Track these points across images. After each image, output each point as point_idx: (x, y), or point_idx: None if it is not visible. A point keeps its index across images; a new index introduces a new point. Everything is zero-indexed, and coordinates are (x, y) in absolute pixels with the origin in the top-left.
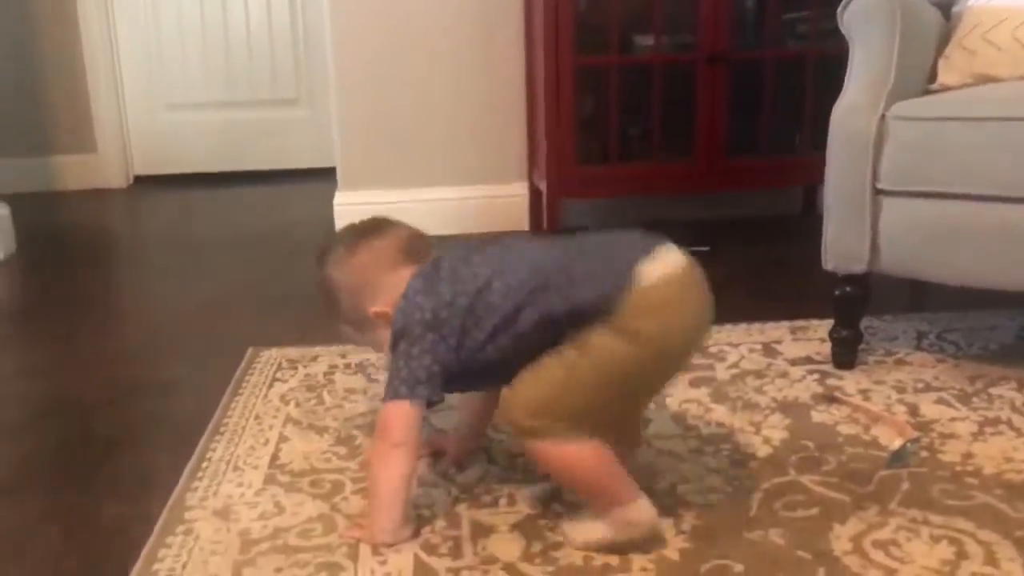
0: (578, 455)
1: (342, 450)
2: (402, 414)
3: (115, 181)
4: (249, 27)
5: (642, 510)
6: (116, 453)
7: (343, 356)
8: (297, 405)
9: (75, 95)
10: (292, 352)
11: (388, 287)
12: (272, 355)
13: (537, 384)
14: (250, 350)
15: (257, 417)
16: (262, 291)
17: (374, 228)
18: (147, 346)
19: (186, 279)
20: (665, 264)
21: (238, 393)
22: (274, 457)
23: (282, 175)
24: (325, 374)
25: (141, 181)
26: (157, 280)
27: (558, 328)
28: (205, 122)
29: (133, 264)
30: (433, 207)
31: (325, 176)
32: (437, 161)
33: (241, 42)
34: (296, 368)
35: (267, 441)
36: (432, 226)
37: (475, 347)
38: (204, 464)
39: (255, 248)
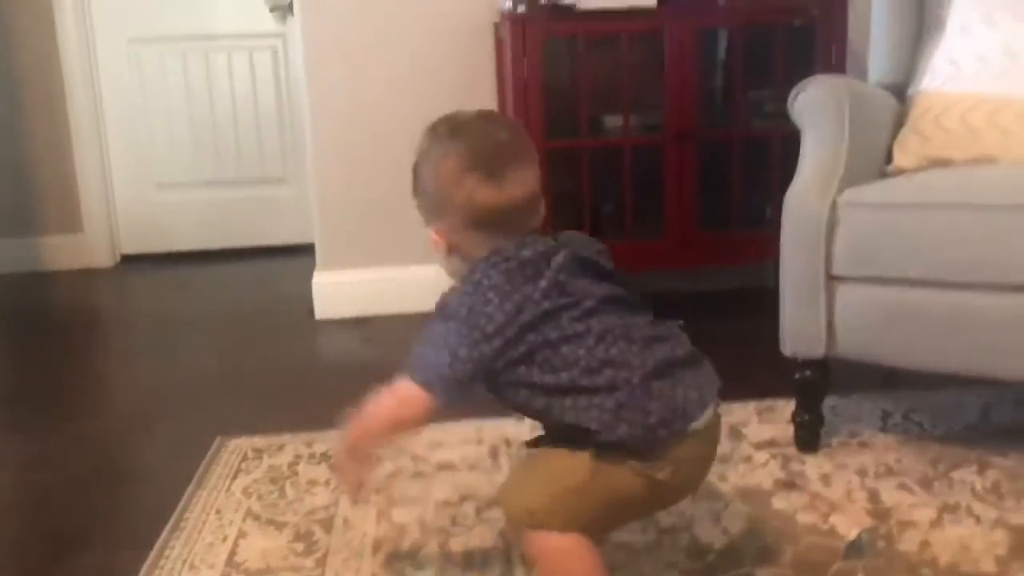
0: (570, 550)
1: (299, 546)
2: (414, 401)
3: (102, 261)
4: (236, 106)
5: None
6: (75, 551)
7: (309, 445)
8: (259, 498)
9: (62, 176)
10: (259, 441)
11: (460, 231)
12: (239, 444)
13: (544, 485)
14: (218, 439)
15: (218, 511)
16: (237, 374)
17: (498, 156)
18: (117, 433)
19: (164, 361)
20: (703, 420)
21: (202, 485)
22: (231, 554)
23: (270, 252)
24: (290, 465)
25: (128, 260)
26: (135, 362)
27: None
28: (193, 201)
29: (113, 346)
30: (411, 286)
31: (310, 252)
32: (415, 239)
33: (228, 121)
34: (261, 458)
35: (226, 537)
36: (411, 304)
37: (509, 379)
38: (162, 562)
39: (237, 328)
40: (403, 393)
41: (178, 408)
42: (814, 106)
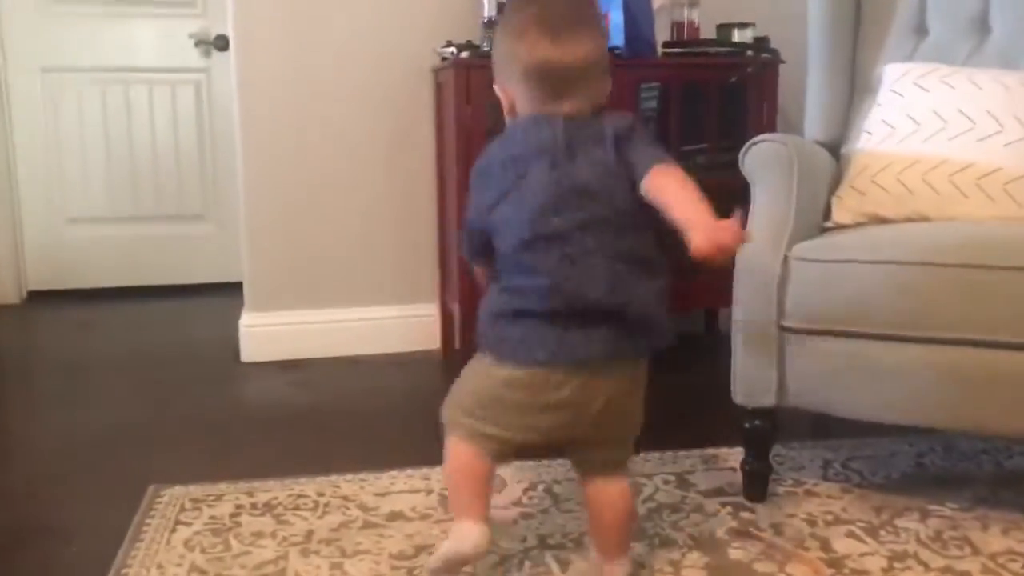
0: (450, 453)
1: None
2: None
3: (7, 297)
4: (155, 141)
5: (465, 532)
6: None
7: (250, 495)
8: (203, 551)
9: None
10: (195, 490)
11: (517, 86)
12: (175, 493)
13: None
14: (151, 488)
15: (160, 566)
16: (163, 420)
17: (562, 18)
18: (38, 485)
19: (81, 406)
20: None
21: (139, 538)
22: None
23: (185, 290)
24: (231, 515)
25: (35, 297)
26: (49, 408)
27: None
28: (107, 237)
29: (22, 389)
30: (343, 329)
31: (229, 292)
32: (347, 281)
33: (147, 156)
34: (200, 509)
35: None
36: (343, 346)
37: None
38: None
39: (156, 371)
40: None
41: (99, 457)
42: (764, 163)
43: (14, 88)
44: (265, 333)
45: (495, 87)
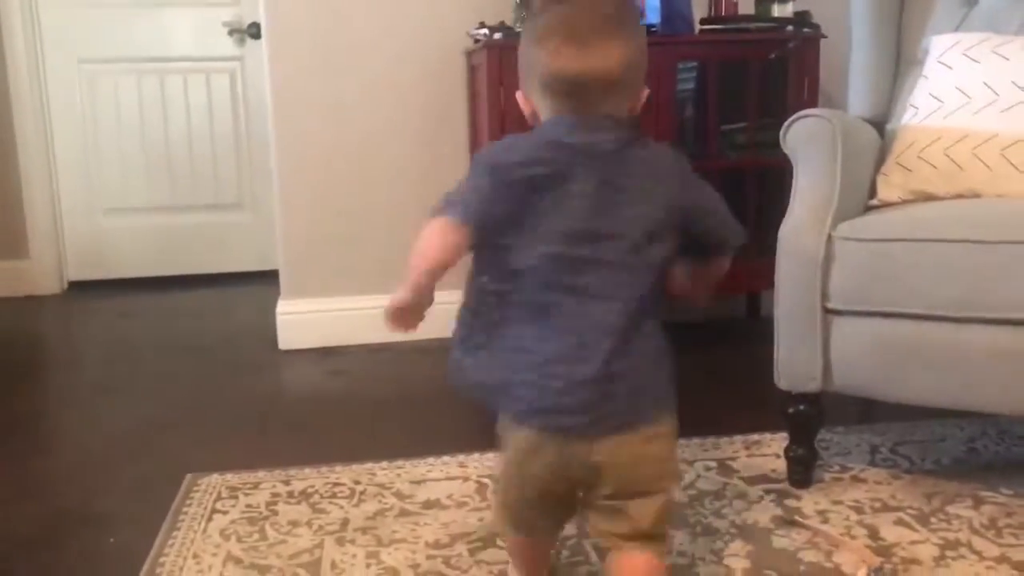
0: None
1: None
2: (437, 227)
3: (48, 287)
4: (191, 130)
5: None
6: None
7: (286, 483)
8: (238, 540)
9: (7, 199)
10: (232, 479)
11: (538, 95)
12: (212, 482)
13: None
14: (188, 477)
15: (196, 556)
16: (201, 408)
17: (589, 25)
18: (78, 473)
19: (120, 396)
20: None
21: (175, 527)
22: None
23: (223, 279)
24: (267, 504)
25: (76, 287)
26: (89, 397)
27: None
28: (145, 227)
29: (63, 379)
30: (379, 315)
31: (267, 280)
32: (383, 267)
33: (183, 145)
34: (237, 497)
35: None
36: (379, 335)
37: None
38: None
39: (194, 359)
40: (428, 228)
41: (138, 445)
42: (807, 139)
43: (52, 79)
44: (302, 321)
45: (517, 94)
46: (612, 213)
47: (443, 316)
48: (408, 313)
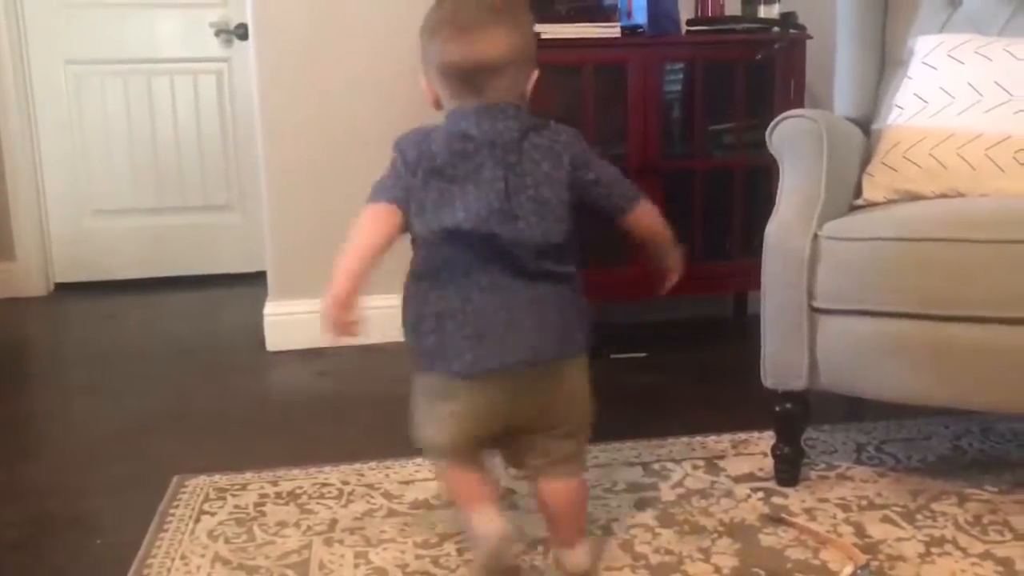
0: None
1: None
2: (366, 215)
3: (34, 289)
4: (178, 131)
5: (487, 520)
6: None
7: (274, 484)
8: (226, 541)
9: None
10: (220, 480)
11: (436, 83)
12: (199, 483)
13: None
14: (176, 478)
15: (183, 557)
16: (188, 410)
17: (477, 16)
18: (64, 475)
19: (107, 397)
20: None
21: (163, 529)
22: None
23: (210, 280)
24: (255, 505)
25: (62, 289)
26: (76, 398)
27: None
28: (132, 228)
29: (49, 381)
30: (367, 314)
31: (255, 281)
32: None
33: (170, 146)
34: (224, 498)
35: None
36: (367, 334)
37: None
38: None
39: (181, 361)
40: (359, 219)
41: (125, 447)
42: (793, 139)
43: (38, 81)
44: (289, 322)
45: (422, 83)
46: (518, 196)
47: None
48: (345, 306)
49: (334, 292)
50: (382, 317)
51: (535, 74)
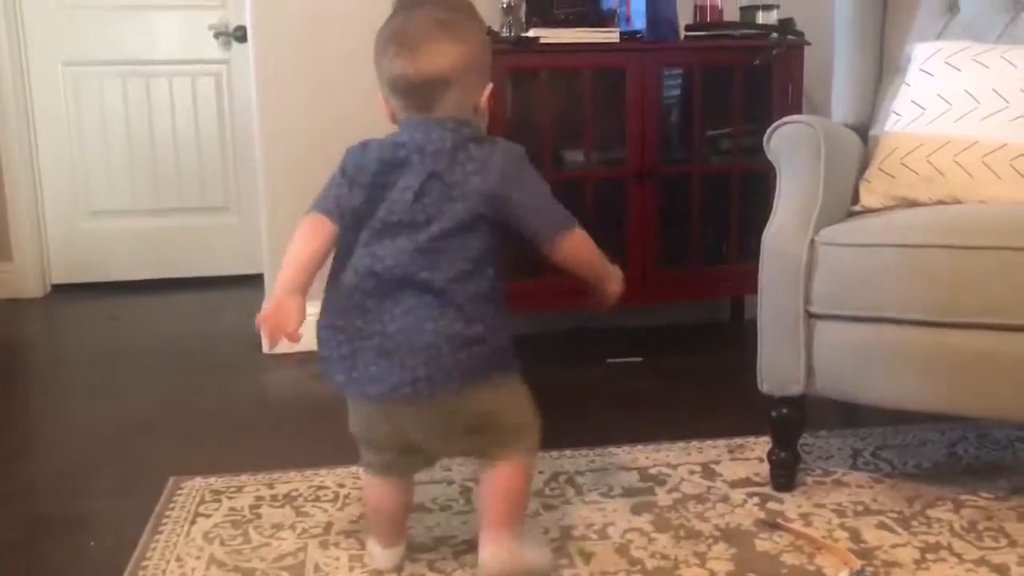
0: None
1: None
2: (303, 225)
3: (31, 290)
4: (176, 133)
5: (373, 556)
6: None
7: (270, 486)
8: (222, 543)
9: None
10: (216, 482)
11: (389, 98)
12: (195, 485)
13: None
14: (171, 480)
15: (179, 559)
16: (184, 412)
17: (422, 31)
18: (60, 477)
19: (103, 399)
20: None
21: (158, 530)
22: None
23: (208, 282)
24: (251, 507)
25: (59, 290)
26: (72, 399)
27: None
28: (129, 229)
29: (46, 382)
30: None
31: (252, 283)
32: None
33: (168, 148)
34: (220, 500)
35: None
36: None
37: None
38: None
39: (178, 362)
40: (297, 229)
41: (121, 448)
42: (791, 145)
43: (36, 82)
44: None
45: (377, 98)
46: (436, 204)
47: None
48: (279, 313)
49: (272, 301)
50: None
51: (488, 87)
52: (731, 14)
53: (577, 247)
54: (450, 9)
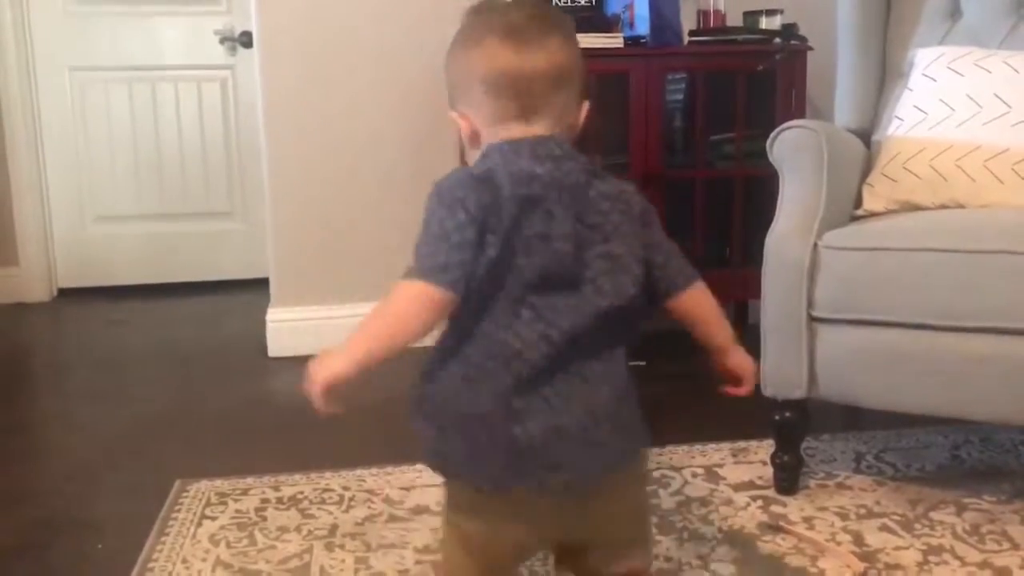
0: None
1: None
2: (409, 295)
3: (38, 295)
4: (182, 138)
5: None
6: None
7: (275, 489)
8: (228, 546)
9: None
10: (222, 484)
11: (477, 106)
12: (201, 488)
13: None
14: (177, 483)
15: (185, 561)
16: (190, 415)
17: (523, 23)
18: (66, 480)
19: (110, 402)
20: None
21: (164, 533)
22: None
23: (213, 286)
24: (257, 510)
25: (65, 294)
26: (78, 404)
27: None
28: (135, 234)
29: (52, 386)
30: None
31: (257, 287)
32: (373, 276)
33: (174, 153)
34: (226, 503)
35: None
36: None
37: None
38: None
39: (184, 366)
40: (396, 295)
41: (127, 451)
42: (794, 149)
43: (43, 87)
44: (292, 328)
45: (451, 114)
46: (588, 252)
47: None
48: (337, 391)
49: (335, 370)
50: None
51: (586, 107)
52: (734, 19)
53: (706, 298)
54: (544, 4)
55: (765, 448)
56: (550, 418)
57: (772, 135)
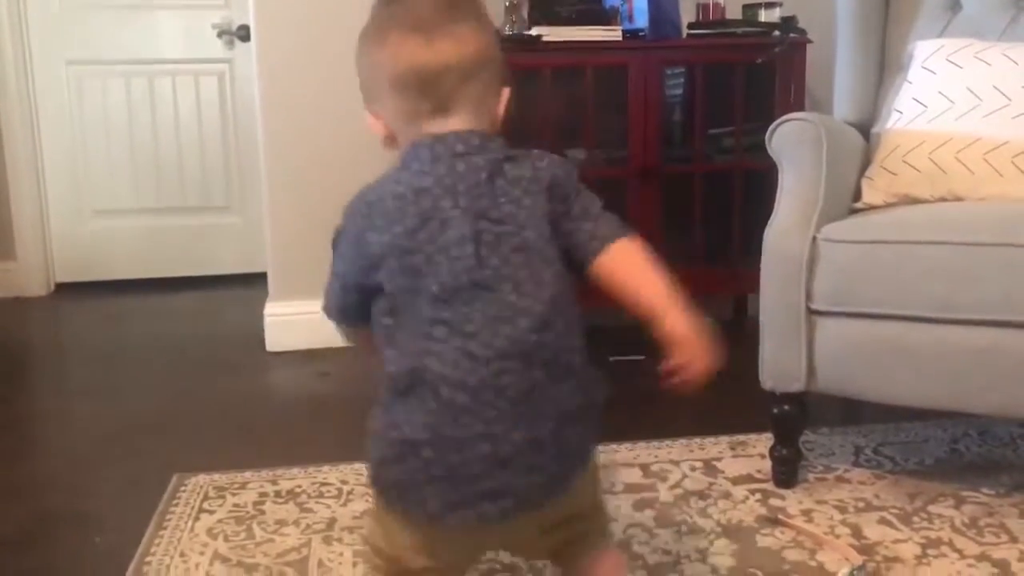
0: None
1: None
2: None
3: (35, 289)
4: (179, 132)
5: None
6: None
7: (273, 483)
8: (226, 539)
9: None
10: (219, 478)
11: (389, 105)
12: (199, 482)
13: None
14: (175, 477)
15: (183, 554)
16: (188, 409)
17: (431, 13)
18: (64, 474)
19: (107, 397)
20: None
21: (162, 527)
22: None
23: (211, 281)
24: (255, 503)
25: (63, 289)
26: (76, 397)
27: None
28: (133, 228)
29: (50, 381)
30: None
31: (255, 282)
32: None
33: (171, 147)
34: (224, 497)
35: None
36: None
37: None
38: None
39: (182, 360)
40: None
41: (125, 446)
42: (793, 142)
43: (39, 81)
44: (289, 322)
45: (367, 117)
46: (498, 250)
47: None
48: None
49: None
50: None
51: (507, 93)
52: (733, 12)
53: (633, 255)
54: None
55: (764, 441)
56: (489, 444)
57: (771, 128)
